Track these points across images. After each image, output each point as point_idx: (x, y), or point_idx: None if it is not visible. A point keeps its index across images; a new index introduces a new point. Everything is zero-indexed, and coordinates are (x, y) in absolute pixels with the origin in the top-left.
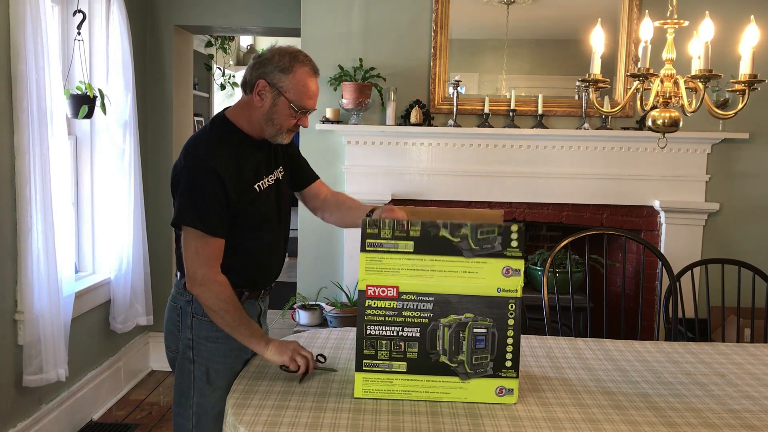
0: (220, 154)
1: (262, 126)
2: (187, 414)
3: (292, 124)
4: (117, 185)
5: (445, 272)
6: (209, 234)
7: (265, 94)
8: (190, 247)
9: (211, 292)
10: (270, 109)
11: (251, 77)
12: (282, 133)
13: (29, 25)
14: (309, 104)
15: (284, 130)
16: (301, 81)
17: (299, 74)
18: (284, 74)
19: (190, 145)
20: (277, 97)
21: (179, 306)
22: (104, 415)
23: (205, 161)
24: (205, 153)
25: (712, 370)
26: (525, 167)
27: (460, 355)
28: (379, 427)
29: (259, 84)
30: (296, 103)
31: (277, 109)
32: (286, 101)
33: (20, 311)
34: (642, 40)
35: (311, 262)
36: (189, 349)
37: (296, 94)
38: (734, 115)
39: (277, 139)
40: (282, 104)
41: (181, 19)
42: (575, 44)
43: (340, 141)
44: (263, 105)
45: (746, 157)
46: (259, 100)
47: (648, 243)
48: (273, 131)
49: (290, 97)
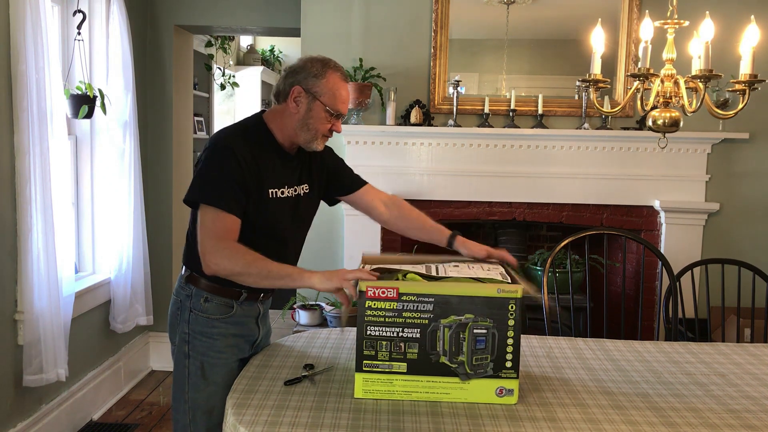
0: (240, 140)
1: (297, 132)
2: (183, 409)
3: (326, 129)
4: (117, 185)
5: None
6: (223, 209)
7: (301, 100)
8: (202, 225)
9: (224, 258)
10: (306, 115)
11: (285, 86)
12: (317, 139)
13: (29, 25)
14: (342, 108)
15: (319, 135)
16: (335, 85)
17: (332, 79)
18: (318, 79)
19: (217, 132)
20: (312, 101)
21: (180, 300)
22: (104, 415)
23: (223, 140)
24: (226, 135)
25: (712, 370)
26: (525, 167)
27: (461, 356)
28: (379, 427)
29: (294, 90)
30: (331, 106)
31: (312, 114)
32: (321, 105)
33: (20, 311)
34: (642, 40)
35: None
36: (185, 344)
37: (330, 98)
38: (734, 115)
39: (312, 146)
40: (317, 108)
41: (181, 19)
42: (575, 44)
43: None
44: (299, 111)
45: (746, 157)
46: (294, 107)
47: (648, 243)
48: (308, 137)
49: (325, 101)
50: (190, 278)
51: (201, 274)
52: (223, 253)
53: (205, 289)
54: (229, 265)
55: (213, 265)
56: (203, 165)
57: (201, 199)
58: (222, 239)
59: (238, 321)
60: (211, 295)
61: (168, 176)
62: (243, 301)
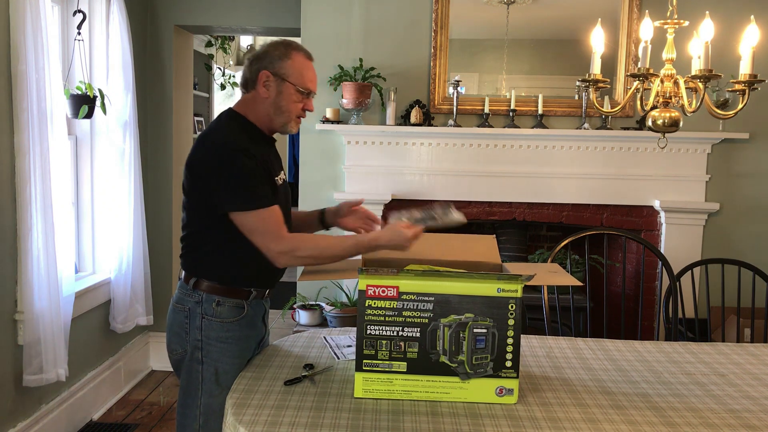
0: (240, 138)
1: (271, 117)
2: (193, 414)
3: (299, 109)
4: (117, 185)
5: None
6: (260, 207)
7: (270, 84)
8: (252, 231)
9: (296, 256)
10: (277, 97)
11: (251, 73)
12: (291, 121)
13: (29, 25)
14: (311, 86)
15: (293, 116)
16: (301, 65)
17: (297, 59)
18: (283, 61)
19: (207, 135)
20: (281, 83)
21: (187, 308)
22: (104, 415)
23: (228, 144)
24: (225, 139)
25: (712, 370)
26: (525, 167)
27: (460, 355)
28: (379, 427)
29: (262, 75)
30: (300, 85)
31: (283, 96)
32: (290, 86)
33: (20, 311)
34: (642, 40)
35: None
36: (198, 350)
37: (298, 77)
38: (734, 115)
39: (287, 128)
40: (287, 89)
41: (181, 19)
42: (575, 44)
43: (340, 141)
44: (270, 95)
45: (746, 157)
46: (265, 92)
47: (648, 243)
48: (282, 120)
49: (294, 81)
50: (198, 284)
51: (209, 278)
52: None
53: (215, 293)
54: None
55: (287, 264)
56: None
57: (242, 207)
58: (283, 236)
59: (249, 321)
60: (222, 298)
61: (168, 176)
62: (252, 300)
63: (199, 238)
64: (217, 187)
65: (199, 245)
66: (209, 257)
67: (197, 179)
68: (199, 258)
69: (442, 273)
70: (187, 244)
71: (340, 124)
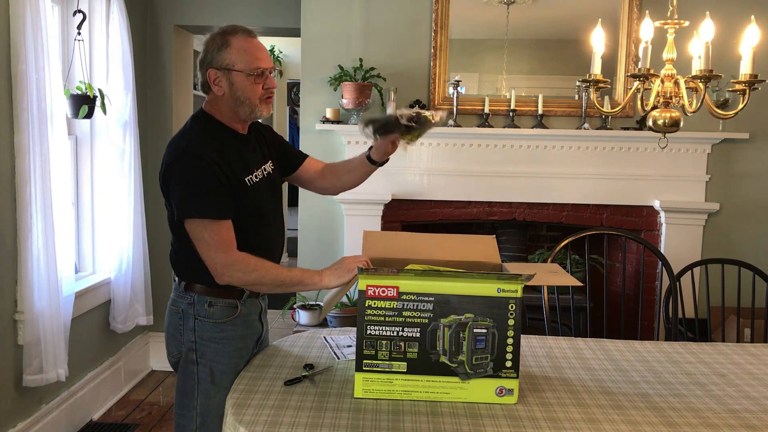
0: (204, 142)
1: (235, 111)
2: (190, 415)
3: (260, 93)
4: (117, 185)
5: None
6: (215, 218)
7: (220, 80)
8: (201, 240)
9: (237, 272)
10: (231, 90)
11: (202, 76)
12: (256, 107)
13: (29, 25)
14: (260, 63)
15: (256, 102)
16: (242, 46)
17: (236, 43)
18: (222, 51)
19: (173, 142)
20: (229, 75)
21: (180, 309)
22: (104, 415)
23: (189, 151)
24: (188, 144)
25: (712, 370)
26: (525, 167)
27: (460, 356)
28: (379, 427)
29: (209, 75)
30: (248, 68)
31: (237, 86)
32: (239, 74)
33: (20, 311)
34: (642, 40)
35: (311, 261)
36: (192, 351)
37: (243, 62)
38: (734, 115)
39: (256, 114)
40: (238, 78)
41: (181, 19)
42: (575, 44)
43: (340, 141)
44: (224, 90)
45: (746, 157)
46: (219, 89)
47: (648, 243)
48: (247, 109)
49: (241, 68)
50: (189, 286)
51: (199, 281)
52: (234, 267)
53: (207, 294)
54: (243, 277)
55: (227, 278)
56: (179, 181)
57: (191, 214)
58: (227, 250)
59: (244, 320)
60: (214, 298)
61: None
62: (246, 299)
63: (183, 245)
64: (174, 192)
65: (184, 251)
66: (196, 262)
67: (165, 185)
68: (187, 261)
69: (442, 273)
70: (175, 247)
71: (340, 124)
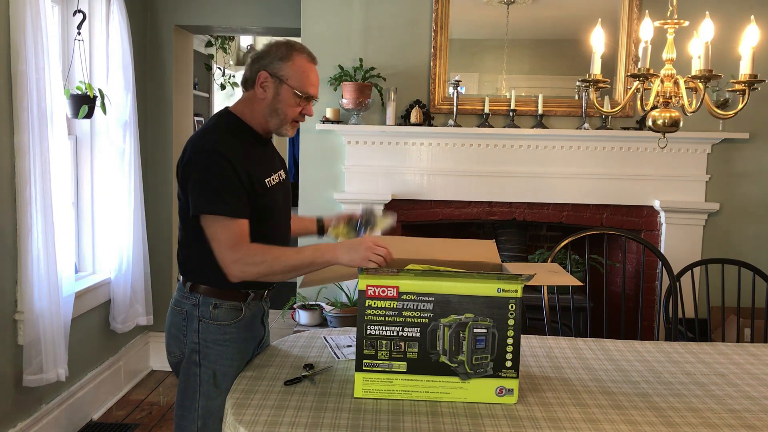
0: (226, 141)
1: (267, 118)
2: (192, 417)
3: (296, 113)
4: (117, 185)
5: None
6: (230, 216)
7: (268, 85)
8: (215, 236)
9: (246, 265)
10: (273, 99)
11: (251, 72)
12: (286, 124)
13: (29, 25)
14: (311, 90)
15: (288, 120)
16: (301, 67)
17: (298, 61)
18: (284, 62)
19: (195, 138)
20: (279, 86)
21: (185, 310)
22: (104, 415)
23: (211, 148)
24: (211, 141)
25: (712, 370)
26: (525, 167)
27: (460, 355)
28: (379, 427)
29: (260, 76)
30: (299, 89)
31: (280, 98)
32: (289, 89)
33: (20, 311)
34: (642, 40)
35: None
36: (195, 353)
37: (298, 81)
38: (734, 115)
39: (282, 131)
40: (285, 92)
41: (181, 19)
42: (575, 44)
43: (340, 141)
44: (267, 96)
45: (746, 157)
46: (262, 92)
47: (648, 243)
48: (278, 122)
49: (293, 84)
50: (195, 287)
51: (204, 281)
52: (245, 261)
53: (212, 296)
54: (254, 270)
55: (239, 274)
56: (200, 176)
57: (207, 210)
58: (238, 247)
59: (248, 323)
60: (219, 300)
61: (168, 176)
62: (250, 302)
63: (193, 242)
64: (192, 188)
65: (194, 249)
66: (204, 261)
67: (185, 182)
68: (195, 261)
69: (442, 273)
70: (183, 247)
71: (340, 124)
